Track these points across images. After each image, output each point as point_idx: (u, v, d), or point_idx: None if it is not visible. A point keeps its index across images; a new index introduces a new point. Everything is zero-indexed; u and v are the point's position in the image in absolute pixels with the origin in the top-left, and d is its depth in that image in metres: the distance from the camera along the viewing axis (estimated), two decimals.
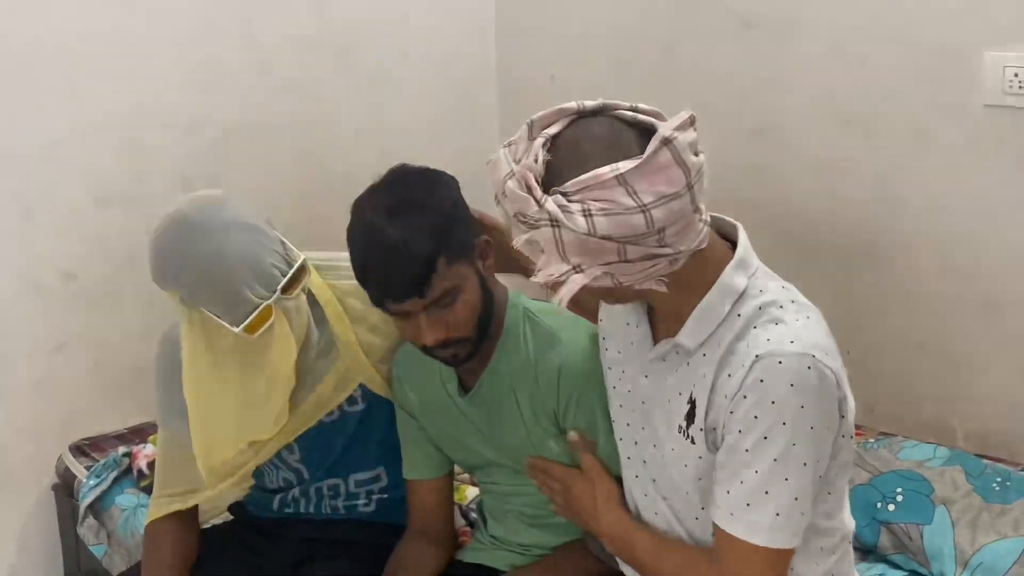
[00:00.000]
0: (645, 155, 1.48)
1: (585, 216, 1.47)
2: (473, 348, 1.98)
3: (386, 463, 2.29)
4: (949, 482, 2.44)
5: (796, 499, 1.56)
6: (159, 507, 2.27)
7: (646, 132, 1.53)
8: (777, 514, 1.56)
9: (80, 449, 3.19)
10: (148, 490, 2.60)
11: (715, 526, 1.63)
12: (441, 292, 1.88)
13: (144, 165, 3.15)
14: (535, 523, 2.15)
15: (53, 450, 3.19)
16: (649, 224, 1.48)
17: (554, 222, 1.48)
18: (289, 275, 2.01)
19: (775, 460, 1.54)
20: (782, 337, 1.55)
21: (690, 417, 1.65)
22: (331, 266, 2.19)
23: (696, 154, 1.53)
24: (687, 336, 1.64)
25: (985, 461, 2.55)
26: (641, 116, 1.56)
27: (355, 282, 1.95)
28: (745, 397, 1.55)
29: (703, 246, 1.58)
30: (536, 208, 1.50)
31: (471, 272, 1.93)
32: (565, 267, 1.51)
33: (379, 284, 1.90)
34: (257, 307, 1.97)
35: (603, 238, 1.48)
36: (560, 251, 1.50)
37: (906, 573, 2.37)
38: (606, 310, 1.87)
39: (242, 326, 1.98)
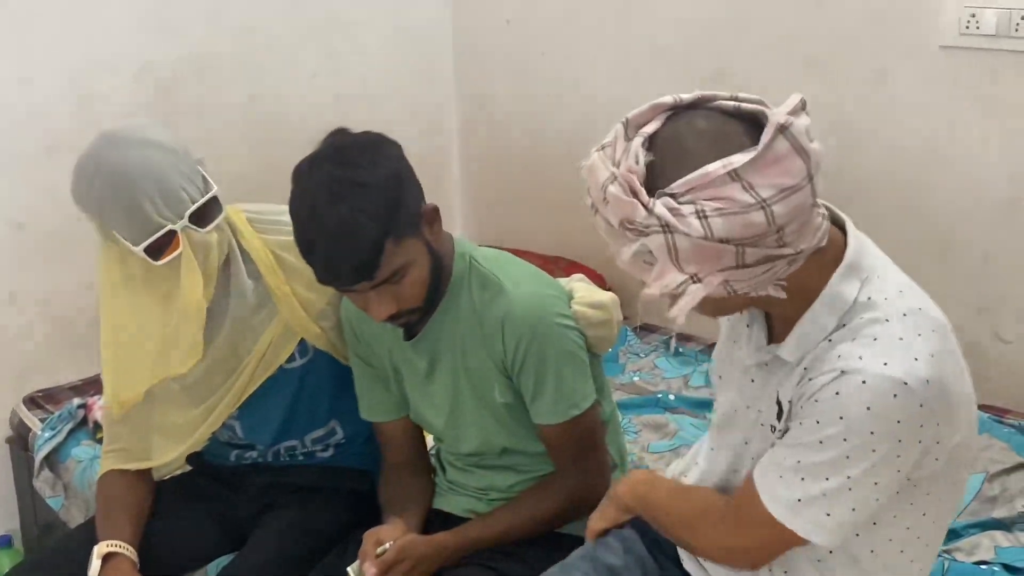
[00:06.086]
0: (760, 146, 1.35)
1: (699, 218, 1.34)
2: (423, 314, 1.99)
3: (338, 416, 2.29)
4: None
5: (852, 508, 1.48)
6: (109, 461, 2.25)
7: (753, 122, 1.40)
8: (828, 515, 1.48)
9: (34, 401, 3.16)
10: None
11: (751, 488, 1.56)
12: (390, 273, 1.87)
13: (94, 112, 3.09)
14: (487, 466, 2.15)
15: (6, 402, 3.16)
16: (770, 221, 1.34)
17: (666, 227, 1.35)
18: (199, 203, 1.99)
19: (821, 462, 1.46)
20: (876, 356, 1.42)
21: (780, 417, 1.55)
22: (268, 220, 2.16)
23: (811, 140, 1.38)
24: (788, 350, 1.52)
25: None
26: (744, 105, 1.41)
27: (292, 238, 1.92)
28: (816, 402, 1.45)
29: (823, 243, 1.45)
30: (644, 213, 1.36)
31: (419, 244, 1.91)
32: (681, 277, 1.38)
33: (325, 270, 1.88)
34: (161, 228, 1.95)
35: (720, 241, 1.35)
36: (674, 259, 1.37)
37: None
38: None
39: (142, 245, 1.96)
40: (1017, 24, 2.61)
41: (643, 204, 1.36)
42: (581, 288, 2.12)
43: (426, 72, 3.88)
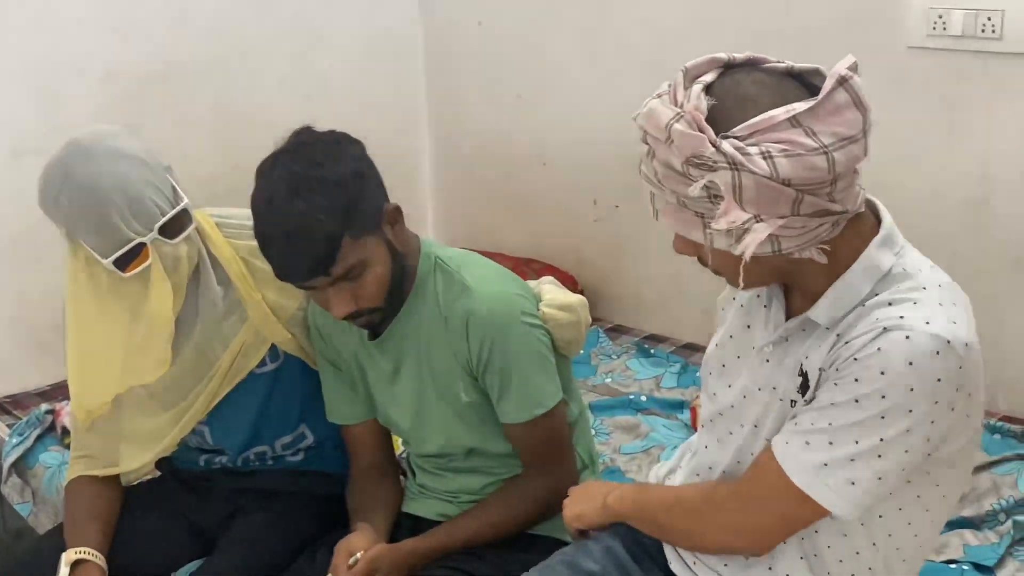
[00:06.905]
0: (822, 95, 1.39)
1: (765, 158, 1.37)
2: (385, 314, 1.99)
3: (307, 421, 2.28)
4: None
5: (878, 476, 1.47)
6: (77, 467, 2.24)
7: (805, 83, 1.45)
8: (853, 483, 1.47)
9: (1, 407, 3.14)
10: None
11: (768, 455, 1.55)
12: (346, 269, 1.86)
13: (60, 115, 3.07)
14: (455, 468, 2.15)
15: None
16: (830, 167, 1.39)
17: (733, 164, 1.37)
18: (169, 215, 1.98)
19: (854, 424, 1.45)
20: (918, 316, 1.44)
21: (803, 389, 1.55)
22: (237, 224, 2.15)
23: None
24: (821, 312, 1.52)
25: None
26: (797, 65, 1.47)
27: None
28: (856, 360, 1.45)
29: (861, 209, 1.50)
30: (713, 149, 1.38)
31: (379, 243, 1.91)
32: (747, 215, 1.40)
33: (281, 264, 1.88)
34: (130, 241, 1.94)
35: (784, 183, 1.38)
36: (737, 198, 1.39)
37: None
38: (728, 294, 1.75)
39: (111, 258, 1.95)
40: (983, 25, 2.62)
41: (710, 140, 1.39)
42: (550, 290, 2.12)
43: (397, 74, 3.88)
